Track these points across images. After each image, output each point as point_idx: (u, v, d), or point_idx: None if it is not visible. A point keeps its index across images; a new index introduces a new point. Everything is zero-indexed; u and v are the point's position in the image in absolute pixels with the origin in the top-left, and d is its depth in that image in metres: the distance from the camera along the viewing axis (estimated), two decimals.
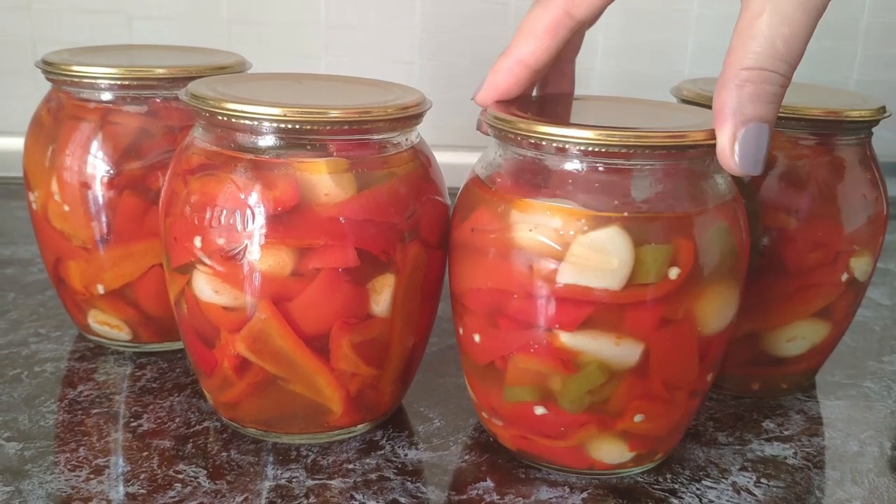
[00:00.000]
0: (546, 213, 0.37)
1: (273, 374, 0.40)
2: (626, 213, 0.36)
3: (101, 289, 0.49)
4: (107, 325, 0.50)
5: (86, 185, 0.47)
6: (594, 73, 0.85)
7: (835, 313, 0.48)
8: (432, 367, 0.51)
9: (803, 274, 0.46)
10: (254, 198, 0.38)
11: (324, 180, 0.38)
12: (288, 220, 0.38)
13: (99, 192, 0.47)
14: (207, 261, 0.39)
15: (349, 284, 0.39)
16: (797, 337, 0.48)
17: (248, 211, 0.38)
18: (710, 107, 0.44)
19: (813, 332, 0.48)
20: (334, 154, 0.38)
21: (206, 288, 0.39)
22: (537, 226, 0.37)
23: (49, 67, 0.47)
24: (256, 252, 0.38)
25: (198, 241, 0.39)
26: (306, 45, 0.83)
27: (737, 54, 0.35)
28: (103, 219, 0.47)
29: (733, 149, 0.35)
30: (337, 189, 0.38)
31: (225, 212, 0.38)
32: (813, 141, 0.45)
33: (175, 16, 0.81)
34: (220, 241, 0.38)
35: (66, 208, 0.47)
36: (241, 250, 0.38)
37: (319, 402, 0.42)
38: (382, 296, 0.40)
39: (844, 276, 0.46)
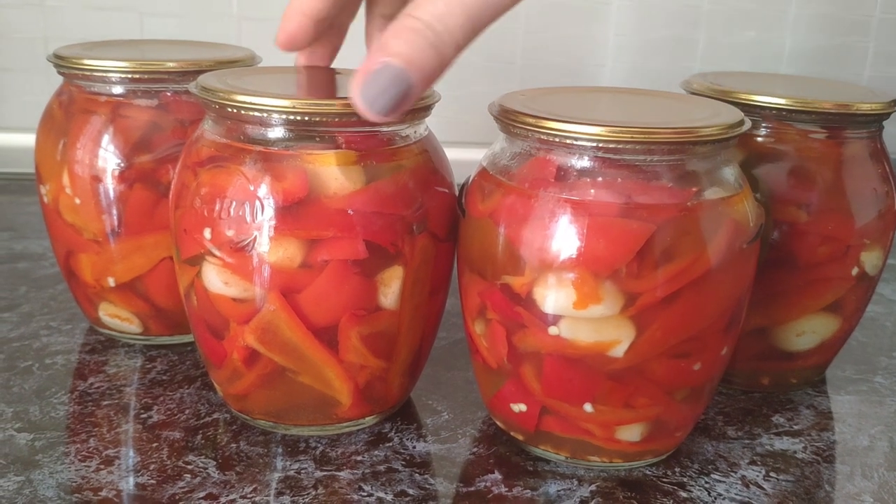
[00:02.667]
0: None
1: (282, 365, 0.41)
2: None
3: (111, 282, 0.49)
4: (117, 318, 0.51)
5: (97, 179, 0.47)
6: (605, 69, 0.85)
7: (845, 308, 0.48)
8: (441, 360, 0.51)
9: (813, 268, 0.46)
10: (263, 189, 0.38)
11: (332, 172, 0.38)
12: (297, 211, 0.38)
13: (110, 185, 0.47)
14: (217, 252, 0.39)
15: (358, 276, 0.39)
16: (807, 331, 0.47)
17: (258, 203, 0.38)
18: (720, 99, 0.44)
19: (823, 327, 0.48)
20: (343, 146, 0.39)
21: (216, 279, 0.40)
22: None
23: (60, 61, 0.47)
24: (266, 244, 0.38)
25: (207, 233, 0.39)
26: None
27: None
28: (114, 212, 0.47)
29: (360, 81, 0.34)
30: (346, 181, 0.38)
31: (234, 203, 0.38)
32: (823, 134, 0.45)
33: (185, 12, 0.82)
34: (230, 233, 0.38)
35: (78, 201, 0.48)
36: (250, 242, 0.38)
37: (328, 394, 0.42)
38: (391, 288, 0.40)
39: (855, 271, 0.46)
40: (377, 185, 0.39)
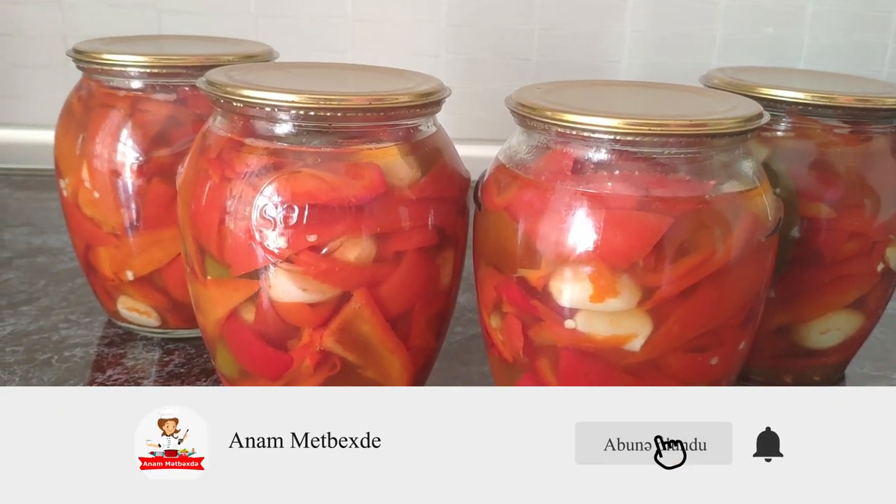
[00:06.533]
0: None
1: (351, 362, 0.40)
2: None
3: (130, 275, 0.49)
4: (136, 312, 0.51)
5: (115, 173, 0.47)
6: (621, 65, 0.85)
7: (868, 304, 0.47)
8: (457, 355, 0.51)
9: (839, 264, 0.45)
10: (342, 189, 0.37)
11: (400, 165, 0.39)
12: (375, 207, 0.38)
13: (128, 179, 0.47)
14: (295, 259, 0.38)
15: (429, 262, 0.40)
16: (831, 329, 0.47)
17: (336, 204, 0.37)
18: (742, 94, 0.44)
19: (847, 324, 0.47)
20: (386, 140, 0.39)
21: (292, 287, 0.38)
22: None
23: (80, 56, 0.48)
24: (348, 243, 0.38)
25: (282, 242, 0.38)
26: (333, 39, 0.83)
27: None
28: (132, 206, 0.48)
29: None
30: (413, 172, 0.39)
31: (314, 207, 0.37)
32: (846, 129, 0.45)
33: (203, 10, 0.82)
34: (312, 238, 0.37)
35: (97, 195, 0.48)
36: (334, 244, 0.38)
37: (384, 385, 0.42)
38: (446, 269, 0.41)
39: (880, 267, 0.46)
40: (435, 172, 0.40)
